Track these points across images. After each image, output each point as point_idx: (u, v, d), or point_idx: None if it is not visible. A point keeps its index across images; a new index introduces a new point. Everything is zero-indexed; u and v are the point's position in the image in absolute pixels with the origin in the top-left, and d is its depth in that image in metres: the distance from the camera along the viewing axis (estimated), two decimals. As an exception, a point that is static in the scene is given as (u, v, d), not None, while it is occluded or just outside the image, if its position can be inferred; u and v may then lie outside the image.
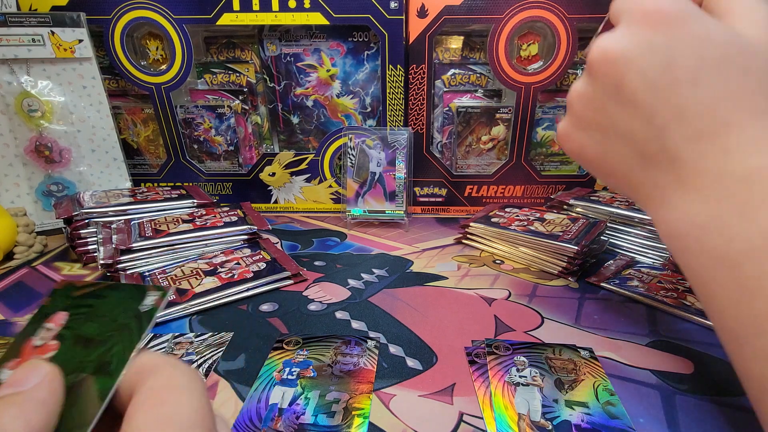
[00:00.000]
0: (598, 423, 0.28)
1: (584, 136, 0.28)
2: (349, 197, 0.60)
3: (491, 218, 0.55)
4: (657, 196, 0.26)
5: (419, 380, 0.33)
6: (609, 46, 0.25)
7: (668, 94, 0.23)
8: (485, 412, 0.29)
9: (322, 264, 0.50)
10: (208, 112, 0.62)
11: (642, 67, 0.24)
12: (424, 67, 0.58)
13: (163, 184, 0.65)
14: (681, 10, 0.23)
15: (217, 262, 0.47)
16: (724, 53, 0.23)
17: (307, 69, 0.63)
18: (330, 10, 0.55)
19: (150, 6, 0.56)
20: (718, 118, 0.22)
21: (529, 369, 0.33)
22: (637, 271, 0.47)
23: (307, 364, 0.34)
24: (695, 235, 0.23)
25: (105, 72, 0.59)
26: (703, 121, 0.23)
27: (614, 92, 0.25)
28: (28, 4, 0.55)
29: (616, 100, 0.25)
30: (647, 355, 0.35)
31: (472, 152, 0.64)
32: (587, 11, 0.54)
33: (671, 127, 0.24)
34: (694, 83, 0.23)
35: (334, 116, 0.66)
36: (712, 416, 0.29)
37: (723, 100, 0.22)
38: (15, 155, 0.56)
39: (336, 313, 0.41)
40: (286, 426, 0.28)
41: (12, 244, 0.51)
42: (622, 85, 0.25)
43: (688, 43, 0.23)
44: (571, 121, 0.29)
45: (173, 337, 0.37)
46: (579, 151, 0.29)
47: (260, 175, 0.64)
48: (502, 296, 0.43)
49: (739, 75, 0.22)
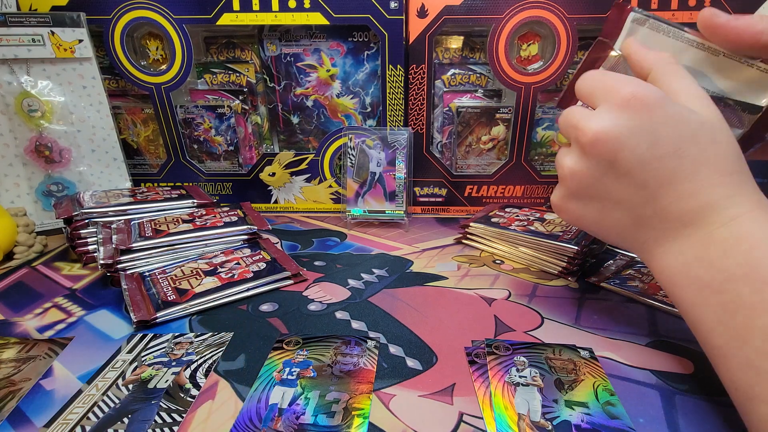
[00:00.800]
0: (598, 423, 0.28)
1: (580, 206, 0.33)
2: (349, 197, 0.60)
3: (491, 218, 0.55)
4: (650, 246, 0.31)
5: (419, 380, 0.33)
6: (601, 130, 0.29)
7: (657, 165, 0.28)
8: (485, 412, 0.29)
9: (322, 264, 0.50)
10: (208, 112, 0.62)
11: (632, 146, 0.28)
12: (424, 67, 0.58)
13: (163, 184, 0.65)
14: (655, 96, 0.28)
15: (217, 262, 0.47)
16: (695, 128, 0.28)
17: (307, 69, 0.63)
18: (330, 10, 0.55)
19: (150, 6, 0.56)
20: (699, 181, 0.28)
21: (529, 369, 0.33)
22: (637, 271, 0.47)
23: (307, 364, 0.34)
24: (684, 271, 0.28)
25: (105, 72, 0.59)
26: (689, 184, 0.28)
27: (609, 168, 0.30)
28: (28, 4, 0.55)
29: (612, 175, 0.30)
30: (647, 355, 0.35)
31: (472, 152, 0.64)
32: (587, 11, 0.54)
33: (661, 192, 0.29)
34: (676, 155, 0.28)
35: (334, 116, 0.66)
36: (712, 416, 0.29)
37: (702, 165, 0.28)
38: (15, 155, 0.56)
39: (336, 313, 0.41)
40: (286, 426, 0.28)
41: (12, 244, 0.51)
42: (616, 161, 0.29)
43: (666, 123, 0.28)
44: (566, 193, 0.33)
45: (173, 337, 0.37)
46: (576, 219, 0.34)
47: (260, 175, 0.64)
48: (502, 296, 0.43)
49: (710, 144, 0.28)
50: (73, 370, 0.34)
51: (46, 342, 0.37)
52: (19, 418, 0.30)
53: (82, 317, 0.41)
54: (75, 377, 0.33)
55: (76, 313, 0.42)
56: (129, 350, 0.36)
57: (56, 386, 0.32)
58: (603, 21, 0.54)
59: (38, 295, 0.45)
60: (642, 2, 0.54)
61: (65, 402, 0.31)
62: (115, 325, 0.40)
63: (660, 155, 0.28)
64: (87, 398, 0.31)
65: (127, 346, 0.37)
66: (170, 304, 0.40)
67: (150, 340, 0.37)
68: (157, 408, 0.30)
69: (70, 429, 0.28)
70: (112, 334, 0.38)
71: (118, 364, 0.34)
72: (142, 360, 0.35)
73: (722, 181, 0.27)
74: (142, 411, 0.30)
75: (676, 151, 0.28)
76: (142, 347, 0.36)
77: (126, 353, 0.36)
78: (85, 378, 0.33)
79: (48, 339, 0.38)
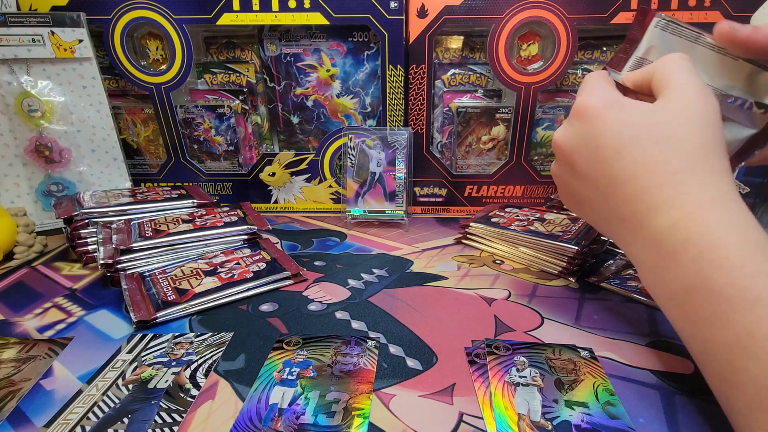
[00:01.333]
0: (598, 423, 0.28)
1: (566, 199, 0.36)
2: (349, 197, 0.60)
3: (491, 218, 0.55)
4: (623, 246, 0.31)
5: (419, 380, 0.33)
6: (559, 137, 0.33)
7: (602, 167, 0.30)
8: (485, 412, 0.29)
9: (322, 264, 0.50)
10: (208, 112, 0.62)
11: (580, 151, 0.31)
12: (424, 67, 0.58)
13: (163, 184, 0.65)
14: (600, 104, 0.30)
15: (217, 262, 0.47)
16: (636, 131, 0.28)
17: (307, 69, 0.63)
18: (330, 10, 0.55)
19: (150, 6, 0.56)
20: (639, 183, 0.28)
21: (529, 369, 0.33)
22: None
23: (307, 364, 0.34)
24: (649, 279, 0.29)
25: (105, 72, 0.59)
26: (630, 186, 0.28)
27: (570, 170, 0.33)
28: (28, 4, 0.55)
29: (574, 176, 0.33)
30: (647, 355, 0.35)
31: (472, 152, 0.64)
32: (587, 11, 0.54)
33: (610, 192, 0.30)
34: (617, 158, 0.29)
35: (334, 116, 0.66)
36: (712, 416, 0.29)
37: (641, 167, 0.28)
38: (15, 155, 0.56)
39: (336, 313, 0.41)
40: (286, 426, 0.28)
41: (12, 244, 0.51)
42: (572, 165, 0.32)
43: (607, 128, 0.29)
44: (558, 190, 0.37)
45: (173, 337, 0.37)
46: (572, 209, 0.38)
47: (260, 175, 0.64)
48: (502, 296, 0.43)
49: (651, 145, 0.28)
50: (73, 370, 0.34)
51: (46, 342, 0.37)
52: (19, 418, 0.30)
53: (82, 317, 0.41)
54: (75, 377, 0.33)
55: (76, 313, 0.42)
56: (129, 350, 0.36)
57: (56, 386, 0.32)
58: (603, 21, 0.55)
59: (38, 295, 0.45)
60: (642, 2, 0.54)
61: (65, 402, 0.31)
62: (115, 325, 0.40)
63: (602, 158, 0.29)
64: (87, 398, 0.31)
65: (127, 346, 0.37)
66: (170, 304, 0.40)
67: (150, 340, 0.37)
68: (157, 408, 0.30)
69: (70, 429, 0.28)
70: (112, 334, 0.38)
71: (118, 364, 0.34)
72: (142, 360, 0.35)
73: (664, 181, 0.27)
74: (142, 411, 0.30)
75: (616, 155, 0.29)
76: (142, 347, 0.36)
77: (126, 353, 0.36)
78: (85, 378, 0.33)
79: (48, 339, 0.38)
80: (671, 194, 0.27)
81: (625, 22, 0.55)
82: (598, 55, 0.60)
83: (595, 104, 0.30)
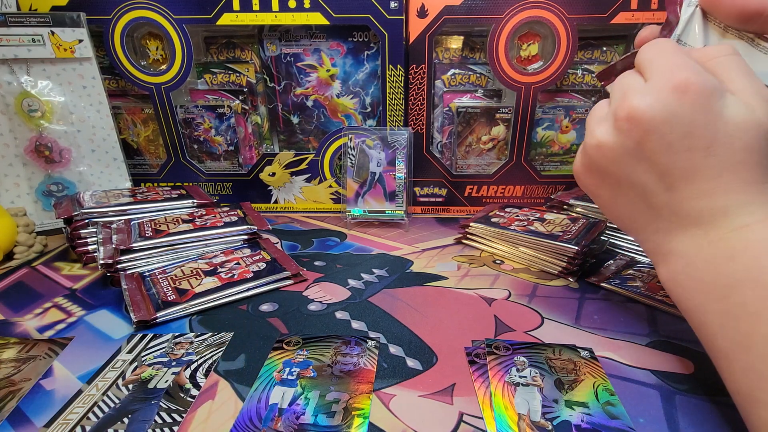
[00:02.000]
0: (598, 423, 0.28)
1: (598, 181, 0.32)
2: (349, 197, 0.60)
3: (491, 218, 0.55)
4: (658, 239, 0.30)
5: (419, 380, 0.33)
6: (638, 106, 0.28)
7: (683, 158, 0.27)
8: (485, 412, 0.29)
9: (322, 264, 0.50)
10: (208, 112, 0.62)
11: (664, 132, 0.27)
12: (424, 67, 0.58)
13: (163, 184, 0.65)
14: (705, 85, 0.27)
15: (217, 262, 0.47)
16: (733, 130, 0.26)
17: (307, 69, 0.63)
18: (330, 10, 0.55)
19: (150, 6, 0.56)
20: (721, 185, 0.27)
21: (529, 369, 0.33)
22: (637, 271, 0.47)
23: (307, 364, 0.34)
24: (688, 271, 0.28)
25: (105, 72, 0.59)
26: (709, 185, 0.27)
27: (635, 148, 0.29)
28: (28, 4, 0.55)
29: (635, 156, 0.29)
30: (647, 355, 0.35)
31: (472, 152, 0.64)
32: (587, 11, 0.54)
33: (680, 186, 0.28)
34: (706, 153, 0.27)
35: (334, 116, 0.66)
36: (712, 416, 0.29)
37: (727, 169, 0.27)
38: (15, 155, 0.56)
39: (336, 313, 0.41)
40: (286, 426, 0.28)
41: (12, 244, 0.51)
42: (643, 142, 0.28)
43: (706, 117, 0.27)
44: (588, 163, 0.32)
45: (173, 337, 0.37)
46: (592, 192, 0.34)
47: (260, 175, 0.64)
48: (502, 296, 0.43)
49: (742, 150, 0.27)
50: (73, 370, 0.34)
51: (46, 342, 0.37)
52: (19, 418, 0.30)
53: (82, 317, 0.41)
54: (75, 377, 0.33)
55: (76, 313, 0.42)
56: (129, 350, 0.36)
57: (56, 386, 0.32)
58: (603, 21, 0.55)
59: (38, 295, 0.45)
60: (642, 2, 0.54)
61: (65, 402, 0.31)
62: (115, 325, 0.40)
63: (689, 147, 0.27)
64: (87, 398, 0.31)
65: (127, 346, 0.37)
66: (170, 304, 0.40)
67: (150, 340, 0.37)
68: (157, 408, 0.30)
69: (70, 429, 0.28)
70: (112, 334, 0.38)
71: (118, 364, 0.34)
72: (142, 360, 0.35)
73: (744, 189, 0.27)
74: (142, 411, 0.30)
75: (707, 148, 0.27)
76: (142, 347, 0.36)
77: (126, 353, 0.36)
78: (85, 378, 0.33)
79: (48, 339, 0.38)
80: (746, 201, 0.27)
81: (625, 22, 0.55)
82: (598, 55, 0.60)
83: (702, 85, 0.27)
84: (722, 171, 0.27)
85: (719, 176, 0.27)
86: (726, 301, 0.26)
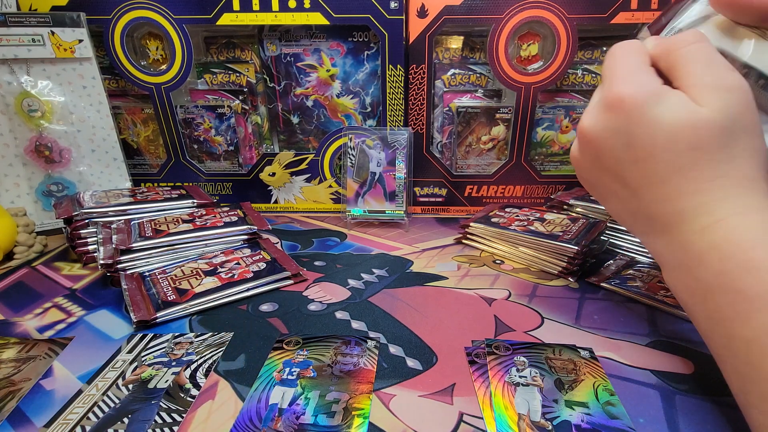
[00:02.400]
0: (598, 423, 0.28)
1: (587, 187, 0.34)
2: (349, 197, 0.60)
3: (491, 218, 0.55)
4: (645, 240, 0.31)
5: (419, 380, 0.33)
6: (583, 125, 0.30)
7: (633, 167, 0.28)
8: (485, 412, 0.29)
9: (322, 264, 0.50)
10: (208, 112, 0.62)
11: (610, 146, 0.29)
12: (424, 67, 0.58)
13: (163, 184, 0.65)
14: (638, 96, 0.27)
15: (217, 262, 0.47)
16: (675, 133, 0.26)
17: (307, 69, 0.63)
18: (330, 10, 0.55)
19: (150, 6, 0.56)
20: (672, 188, 0.27)
21: (529, 369, 0.33)
22: (637, 271, 0.47)
23: (307, 364, 0.34)
24: (673, 274, 0.29)
25: (105, 72, 0.59)
26: (662, 189, 0.28)
27: (596, 161, 0.31)
28: (28, 4, 0.55)
29: (599, 168, 0.31)
30: (647, 355, 0.35)
31: (472, 152, 0.64)
32: (587, 11, 0.54)
33: (641, 192, 0.29)
34: (650, 160, 0.27)
35: (334, 116, 0.66)
36: (712, 416, 0.29)
37: (676, 173, 0.27)
38: (15, 155, 0.56)
39: (336, 313, 0.41)
40: (286, 426, 0.28)
41: (12, 244, 0.51)
42: (599, 157, 0.30)
43: (644, 126, 0.27)
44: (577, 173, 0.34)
45: (173, 337, 0.37)
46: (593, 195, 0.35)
47: (260, 175, 0.64)
48: (502, 296, 0.43)
49: (689, 150, 0.26)
50: (73, 370, 0.34)
51: (46, 342, 0.37)
52: (19, 418, 0.30)
53: (82, 317, 0.41)
54: (75, 377, 0.33)
55: (76, 313, 0.42)
56: (129, 350, 0.36)
57: (56, 386, 0.32)
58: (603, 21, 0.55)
59: (38, 295, 0.45)
60: (642, 2, 0.54)
61: (65, 402, 0.31)
62: (115, 325, 0.40)
63: (635, 159, 0.28)
64: (87, 398, 0.31)
65: (127, 346, 0.37)
66: (170, 304, 0.40)
67: (150, 340, 0.37)
68: (157, 408, 0.30)
69: (70, 429, 0.28)
70: (112, 334, 0.38)
71: (118, 364, 0.34)
72: (142, 360, 0.35)
73: (699, 188, 0.26)
74: (142, 411, 0.30)
75: (651, 156, 0.27)
76: (142, 347, 0.36)
77: (126, 353, 0.36)
78: (85, 378, 0.33)
79: (48, 339, 0.38)
80: (704, 201, 0.26)
81: (625, 22, 0.55)
82: (598, 55, 0.60)
83: (633, 96, 0.27)
84: (671, 175, 0.27)
85: (669, 180, 0.27)
86: (705, 306, 0.26)
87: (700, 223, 0.26)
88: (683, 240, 0.27)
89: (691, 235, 0.27)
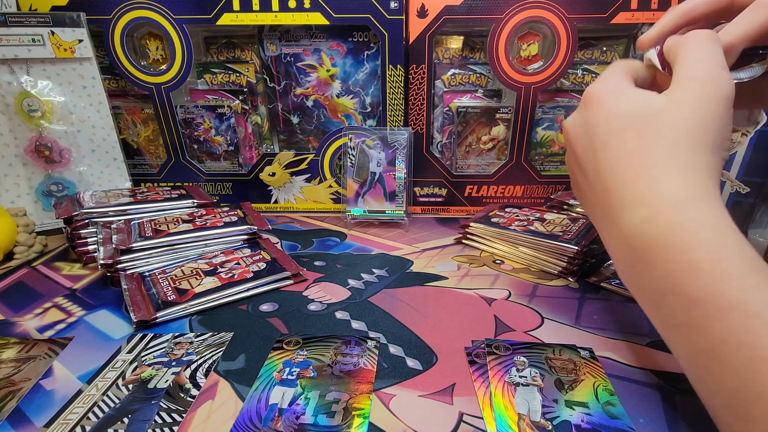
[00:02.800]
0: (598, 423, 0.28)
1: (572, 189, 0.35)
2: (349, 197, 0.60)
3: (491, 218, 0.55)
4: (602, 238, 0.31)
5: (419, 380, 0.33)
6: (565, 123, 0.33)
7: (592, 157, 0.29)
8: (485, 412, 0.29)
9: (322, 264, 0.50)
10: (208, 112, 0.62)
11: (578, 140, 0.31)
12: (424, 67, 0.58)
13: (163, 184, 0.65)
14: (602, 92, 0.29)
15: (217, 262, 0.47)
16: (624, 122, 0.27)
17: (307, 69, 0.63)
18: (330, 10, 0.55)
19: (150, 6, 0.56)
20: (617, 177, 0.27)
21: (529, 369, 0.33)
22: (637, 271, 0.47)
23: (307, 364, 0.34)
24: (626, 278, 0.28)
25: (105, 72, 0.59)
26: (609, 179, 0.28)
27: (572, 156, 0.32)
28: (28, 4, 0.55)
29: (574, 162, 0.32)
30: (647, 355, 0.35)
31: (472, 152, 0.64)
32: (587, 11, 0.54)
33: (595, 183, 0.29)
34: (604, 149, 0.28)
35: (334, 116, 0.66)
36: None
37: (620, 160, 0.27)
38: (15, 155, 0.56)
39: (336, 313, 0.41)
40: (286, 426, 0.28)
41: (12, 244, 0.51)
42: (574, 152, 0.31)
43: (601, 118, 0.29)
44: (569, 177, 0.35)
45: (173, 337, 0.37)
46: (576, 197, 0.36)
47: (260, 175, 0.64)
48: (502, 296, 0.43)
49: (634, 138, 0.27)
50: (73, 370, 0.34)
51: (46, 342, 0.37)
52: (19, 418, 0.30)
53: (82, 317, 0.41)
54: (75, 377, 0.33)
55: (76, 313, 0.42)
56: (129, 350, 0.36)
57: (56, 386, 0.32)
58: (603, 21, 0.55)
59: (38, 295, 0.45)
60: (642, 2, 0.54)
61: (65, 402, 0.31)
62: (115, 325, 0.40)
63: (593, 148, 0.29)
64: (87, 398, 0.31)
65: (127, 346, 0.37)
66: (170, 304, 0.40)
67: (150, 340, 0.37)
68: (157, 408, 0.30)
69: (70, 429, 0.28)
70: (112, 334, 0.38)
71: (118, 364, 0.34)
72: (142, 360, 0.35)
73: (638, 175, 0.26)
74: (142, 411, 0.30)
75: (603, 146, 0.28)
76: (142, 347, 0.36)
77: (126, 353, 0.36)
78: (85, 378, 0.33)
79: (48, 339, 0.38)
80: (641, 190, 0.26)
81: (625, 22, 0.55)
82: (598, 55, 0.60)
83: (599, 91, 0.29)
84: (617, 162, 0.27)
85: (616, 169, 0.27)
86: (661, 311, 0.25)
87: (639, 215, 0.25)
88: (626, 236, 0.26)
89: (633, 229, 0.26)
